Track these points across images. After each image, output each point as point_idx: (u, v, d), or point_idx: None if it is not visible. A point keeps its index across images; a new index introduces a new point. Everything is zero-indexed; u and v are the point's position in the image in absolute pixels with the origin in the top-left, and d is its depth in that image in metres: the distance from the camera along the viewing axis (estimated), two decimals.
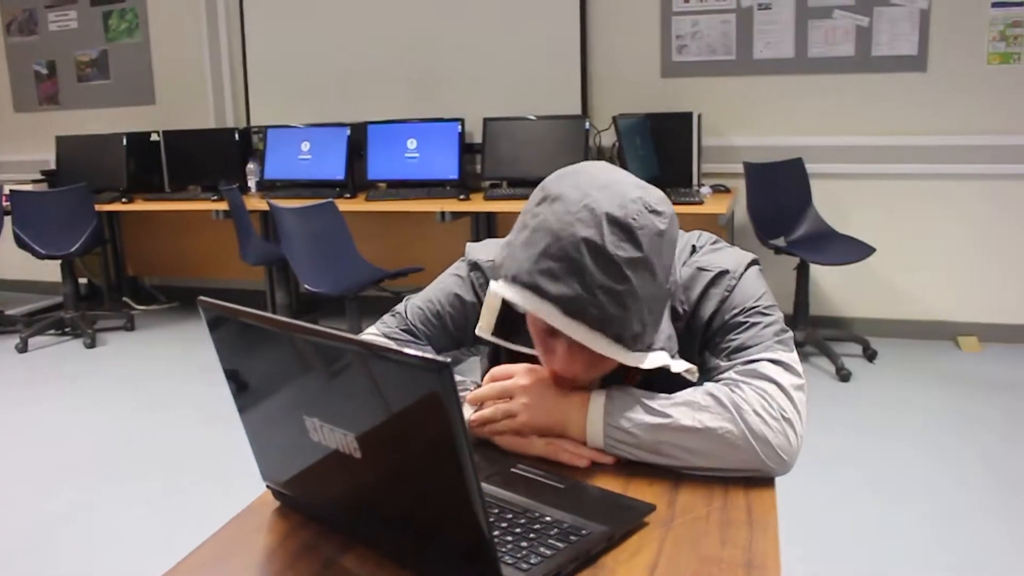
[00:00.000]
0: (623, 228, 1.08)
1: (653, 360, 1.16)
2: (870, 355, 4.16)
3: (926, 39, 4.27)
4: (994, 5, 4.21)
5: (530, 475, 1.12)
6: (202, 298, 1.02)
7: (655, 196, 1.13)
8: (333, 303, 4.40)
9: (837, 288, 4.60)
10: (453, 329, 1.40)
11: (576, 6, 4.72)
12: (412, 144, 4.73)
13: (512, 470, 1.13)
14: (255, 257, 4.54)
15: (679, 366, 1.18)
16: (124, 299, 5.79)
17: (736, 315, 1.24)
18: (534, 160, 4.54)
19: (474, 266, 1.40)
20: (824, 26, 4.38)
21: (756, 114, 4.56)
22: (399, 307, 1.43)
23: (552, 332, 1.15)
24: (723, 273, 1.26)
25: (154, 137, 5.45)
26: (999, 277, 4.35)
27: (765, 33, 4.45)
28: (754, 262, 1.31)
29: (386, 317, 1.43)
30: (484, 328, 1.23)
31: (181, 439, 3.50)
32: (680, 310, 1.27)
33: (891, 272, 4.49)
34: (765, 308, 1.25)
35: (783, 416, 1.14)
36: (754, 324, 1.23)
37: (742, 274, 1.27)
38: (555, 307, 1.08)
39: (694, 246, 1.32)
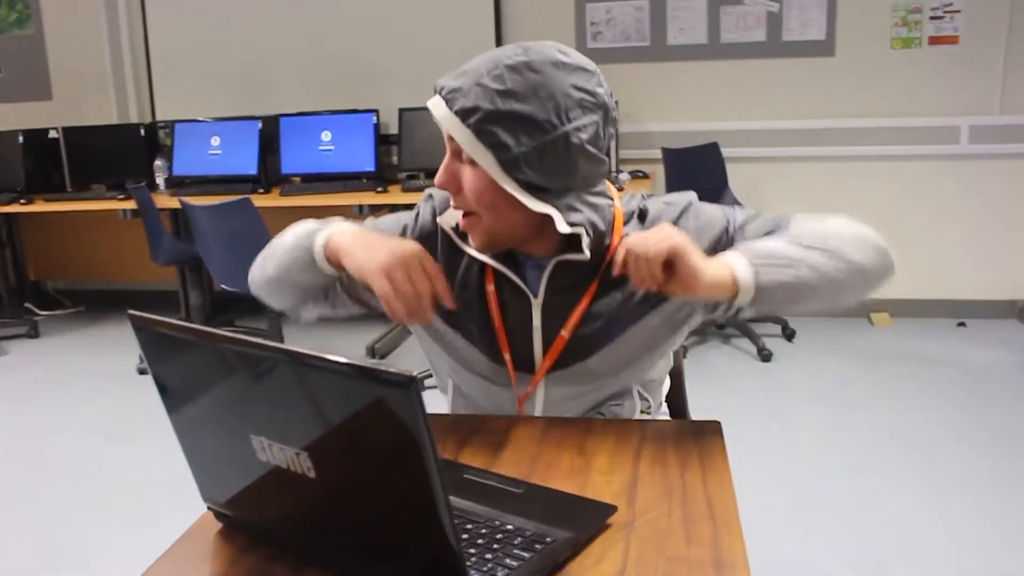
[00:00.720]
0: (524, 46, 1.19)
1: (530, 200, 1.18)
2: (789, 335, 4.26)
3: (833, 24, 4.37)
4: None
5: (484, 481, 1.08)
6: (132, 312, 0.96)
7: (578, 54, 1.21)
8: (250, 301, 4.27)
9: None
10: None
11: None
12: (326, 136, 4.62)
13: (465, 476, 1.09)
14: (167, 257, 4.37)
15: (564, 227, 1.18)
16: (26, 305, 5.51)
17: (730, 228, 1.30)
18: None
19: (429, 196, 1.41)
20: (735, 12, 4.45)
21: (672, 100, 4.59)
22: None
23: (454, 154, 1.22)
24: (690, 204, 1.33)
25: (52, 134, 5.19)
26: (907, 253, 4.47)
27: (678, 20, 4.49)
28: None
29: None
30: (446, 220, 1.31)
31: (99, 453, 3.33)
32: None
33: None
34: (737, 207, 1.36)
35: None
36: (753, 218, 1.32)
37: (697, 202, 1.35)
38: (441, 98, 1.19)
39: (634, 194, 1.39)
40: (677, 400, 1.67)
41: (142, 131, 4.96)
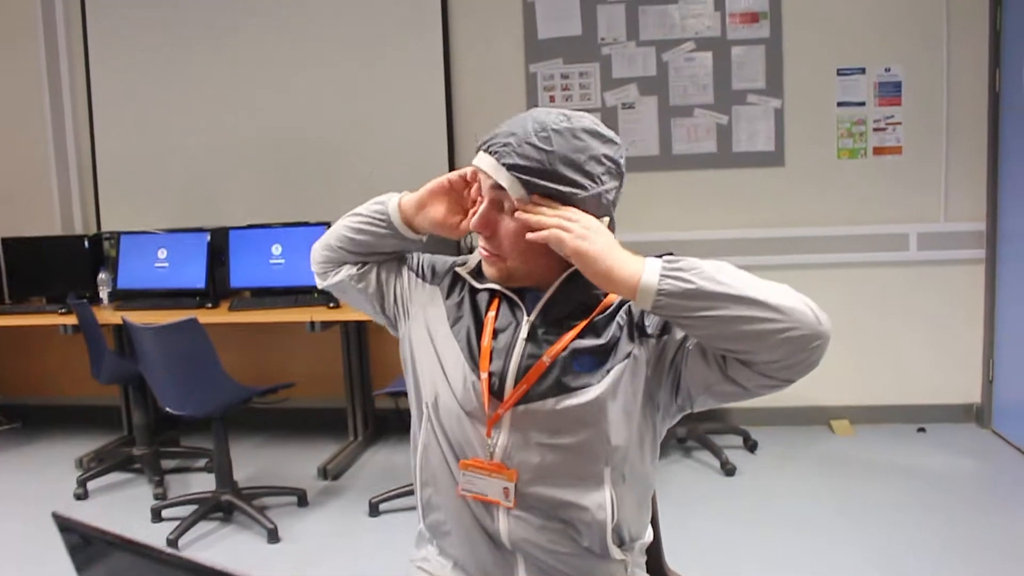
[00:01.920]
0: (566, 114, 1.36)
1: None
2: (751, 446, 4.20)
3: (782, 135, 4.46)
4: (839, 104, 4.45)
5: None
6: (56, 513, 0.86)
7: (608, 129, 1.40)
8: (196, 421, 4.11)
9: None
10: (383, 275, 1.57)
11: (442, 105, 4.71)
12: (277, 250, 4.53)
13: None
14: (109, 376, 4.19)
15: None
16: None
17: None
18: None
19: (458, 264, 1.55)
20: (686, 124, 4.52)
21: (625, 211, 4.49)
22: None
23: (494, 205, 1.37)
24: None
25: None
26: (863, 359, 4.50)
27: (630, 132, 4.55)
28: None
29: None
30: (463, 268, 1.50)
31: None
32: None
33: None
34: None
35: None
36: None
37: None
38: (486, 152, 1.34)
39: None
40: (654, 555, 1.58)
41: (86, 242, 4.83)
